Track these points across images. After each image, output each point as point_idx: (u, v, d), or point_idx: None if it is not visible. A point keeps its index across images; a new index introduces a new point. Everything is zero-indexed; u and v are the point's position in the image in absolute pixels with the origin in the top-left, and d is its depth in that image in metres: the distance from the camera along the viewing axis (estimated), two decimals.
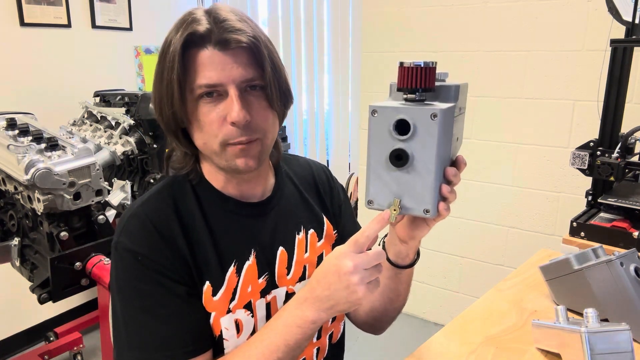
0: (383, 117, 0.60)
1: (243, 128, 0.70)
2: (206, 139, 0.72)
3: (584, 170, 1.40)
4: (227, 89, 0.69)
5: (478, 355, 0.89)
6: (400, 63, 0.60)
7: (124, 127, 1.98)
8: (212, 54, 0.69)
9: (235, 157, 0.72)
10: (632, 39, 1.34)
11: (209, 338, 0.75)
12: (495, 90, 2.20)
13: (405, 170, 0.60)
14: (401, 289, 0.84)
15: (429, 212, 0.61)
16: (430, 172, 0.59)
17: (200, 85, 0.69)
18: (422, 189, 0.60)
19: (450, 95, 0.64)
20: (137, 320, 0.71)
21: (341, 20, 2.85)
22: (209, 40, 0.68)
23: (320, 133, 3.14)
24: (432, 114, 0.57)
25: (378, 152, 0.61)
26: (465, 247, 2.45)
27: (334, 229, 0.91)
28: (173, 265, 0.72)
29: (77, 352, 2.25)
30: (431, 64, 0.59)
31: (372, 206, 0.64)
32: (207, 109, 0.70)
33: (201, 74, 0.69)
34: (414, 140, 0.59)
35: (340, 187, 0.99)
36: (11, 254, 1.61)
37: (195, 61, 0.69)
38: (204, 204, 0.78)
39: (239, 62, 0.69)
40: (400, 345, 2.34)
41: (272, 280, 0.81)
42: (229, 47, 0.68)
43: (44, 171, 1.36)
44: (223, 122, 0.70)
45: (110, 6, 2.62)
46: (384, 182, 0.62)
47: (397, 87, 0.61)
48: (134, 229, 0.73)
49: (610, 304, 0.89)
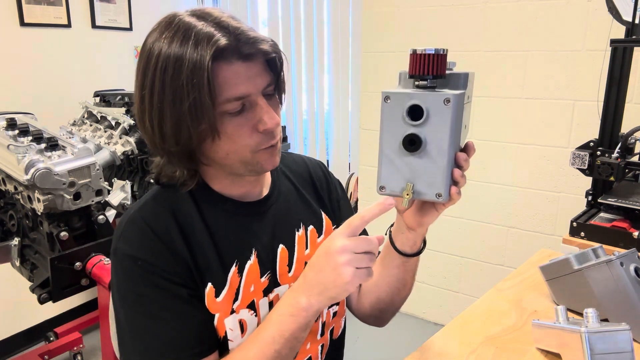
0: (396, 102, 0.60)
1: (270, 133, 0.71)
2: (234, 149, 0.70)
3: (584, 170, 1.40)
4: (255, 99, 0.69)
5: (478, 355, 0.89)
6: (412, 50, 0.60)
7: (124, 127, 1.98)
8: (238, 67, 0.67)
9: (264, 161, 0.73)
10: (632, 39, 1.34)
11: (214, 340, 0.75)
12: (495, 90, 2.20)
13: (418, 155, 0.61)
14: (407, 277, 0.85)
15: (441, 196, 0.62)
16: (443, 156, 0.60)
17: (229, 99, 0.67)
18: (435, 174, 0.61)
19: (459, 82, 0.65)
20: (141, 326, 0.71)
21: (341, 20, 2.85)
22: (233, 54, 0.66)
23: (320, 133, 3.14)
24: (446, 99, 0.58)
25: (390, 138, 0.61)
26: (465, 247, 2.45)
27: (333, 224, 0.91)
28: (174, 269, 0.72)
29: (77, 352, 2.25)
30: (442, 51, 0.60)
31: (384, 192, 0.64)
32: (237, 121, 0.69)
33: (229, 89, 0.67)
34: (427, 125, 0.60)
35: (338, 182, 0.99)
36: (11, 254, 1.61)
37: (219, 76, 0.66)
38: (202, 206, 0.77)
39: (259, 70, 0.70)
40: (400, 345, 2.34)
41: (274, 278, 0.81)
42: (254, 59, 0.68)
43: (44, 171, 1.36)
44: (253, 131, 0.70)
45: (110, 6, 2.62)
46: (396, 168, 0.62)
47: (409, 74, 0.62)
48: (133, 234, 0.73)
49: (610, 304, 0.89)
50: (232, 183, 0.79)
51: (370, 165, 2.68)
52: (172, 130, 0.67)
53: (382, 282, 0.87)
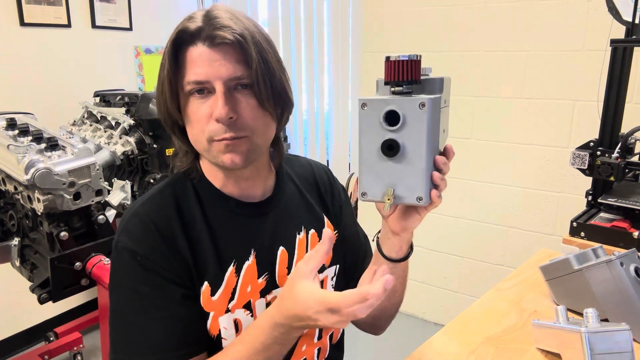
0: (373, 109, 0.61)
1: (228, 125, 0.70)
2: (195, 135, 0.73)
3: (584, 170, 1.40)
4: (214, 86, 0.70)
5: (478, 355, 0.89)
6: (386, 58, 0.62)
7: (124, 127, 1.98)
8: (201, 51, 0.69)
9: (221, 154, 0.72)
10: (632, 39, 1.34)
11: (204, 340, 0.75)
12: (495, 90, 2.20)
13: (397, 160, 0.62)
14: (397, 284, 0.84)
15: (422, 199, 0.63)
16: (421, 160, 0.61)
17: (189, 82, 0.70)
18: (414, 177, 0.62)
19: (435, 87, 0.67)
20: (131, 320, 0.71)
21: (341, 20, 2.85)
22: (198, 37, 0.70)
23: (320, 133, 3.14)
24: (421, 103, 0.59)
25: (369, 144, 0.62)
26: (465, 247, 2.45)
27: (335, 229, 0.91)
28: (172, 267, 0.72)
29: (77, 352, 2.25)
30: (416, 57, 0.61)
31: (365, 198, 0.65)
32: (196, 106, 0.71)
33: (190, 71, 0.70)
34: (404, 130, 0.61)
35: (341, 188, 0.99)
36: (11, 254, 1.61)
37: (185, 58, 0.71)
38: (205, 204, 0.78)
39: (228, 59, 0.70)
40: (400, 345, 2.34)
41: (273, 280, 0.81)
42: (215, 43, 0.69)
43: (44, 171, 1.35)
44: (210, 119, 0.71)
45: (110, 6, 2.62)
46: (376, 174, 0.63)
47: (385, 81, 0.63)
48: (135, 228, 0.73)
49: (610, 304, 0.89)
50: (225, 178, 0.79)
51: None
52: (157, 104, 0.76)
53: None
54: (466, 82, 2.25)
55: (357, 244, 0.96)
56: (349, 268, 0.93)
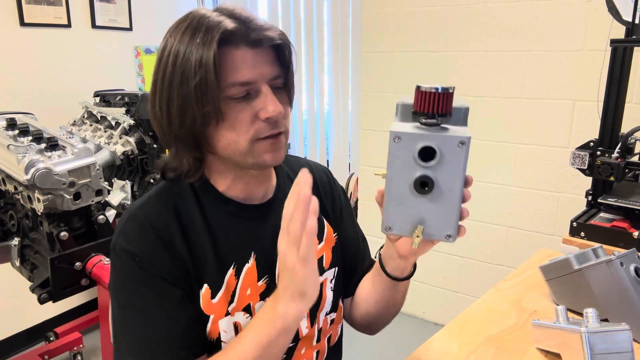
0: (407, 143, 0.58)
1: (273, 122, 0.71)
2: (234, 137, 0.71)
3: (584, 170, 1.40)
4: (259, 87, 0.70)
5: (478, 355, 0.89)
6: (417, 87, 0.59)
7: (124, 127, 1.98)
8: (245, 53, 0.69)
9: (265, 152, 0.72)
10: (632, 39, 1.34)
11: (203, 343, 0.75)
12: (495, 90, 2.20)
13: (429, 196, 0.59)
14: (398, 297, 0.85)
15: (450, 236, 0.61)
16: (455, 198, 0.59)
17: (234, 84, 0.68)
18: (446, 215, 0.60)
19: (460, 117, 0.63)
20: (130, 322, 0.71)
21: (341, 20, 2.85)
22: (241, 39, 0.68)
23: (320, 133, 3.14)
24: (460, 141, 0.57)
25: (400, 178, 0.59)
26: (465, 247, 2.45)
27: (334, 232, 0.91)
28: (170, 268, 0.72)
29: (77, 352, 2.25)
30: (450, 90, 0.58)
31: (390, 232, 0.62)
32: (240, 107, 0.70)
33: (235, 73, 0.68)
34: (439, 166, 0.58)
35: (341, 190, 0.98)
36: (11, 254, 1.61)
37: (226, 60, 0.68)
38: (205, 206, 0.77)
39: (267, 60, 0.71)
40: (400, 345, 2.34)
41: (273, 283, 0.81)
42: (262, 46, 0.69)
43: (44, 171, 1.35)
44: (254, 119, 0.70)
45: (110, 6, 2.62)
46: (404, 208, 0.60)
47: (413, 110, 0.60)
48: (132, 230, 0.73)
49: (610, 304, 0.89)
50: (235, 179, 0.78)
51: (370, 165, 2.68)
52: (178, 111, 0.69)
53: (372, 299, 0.88)
54: (466, 82, 2.25)
55: (356, 247, 0.96)
56: (347, 270, 0.93)
